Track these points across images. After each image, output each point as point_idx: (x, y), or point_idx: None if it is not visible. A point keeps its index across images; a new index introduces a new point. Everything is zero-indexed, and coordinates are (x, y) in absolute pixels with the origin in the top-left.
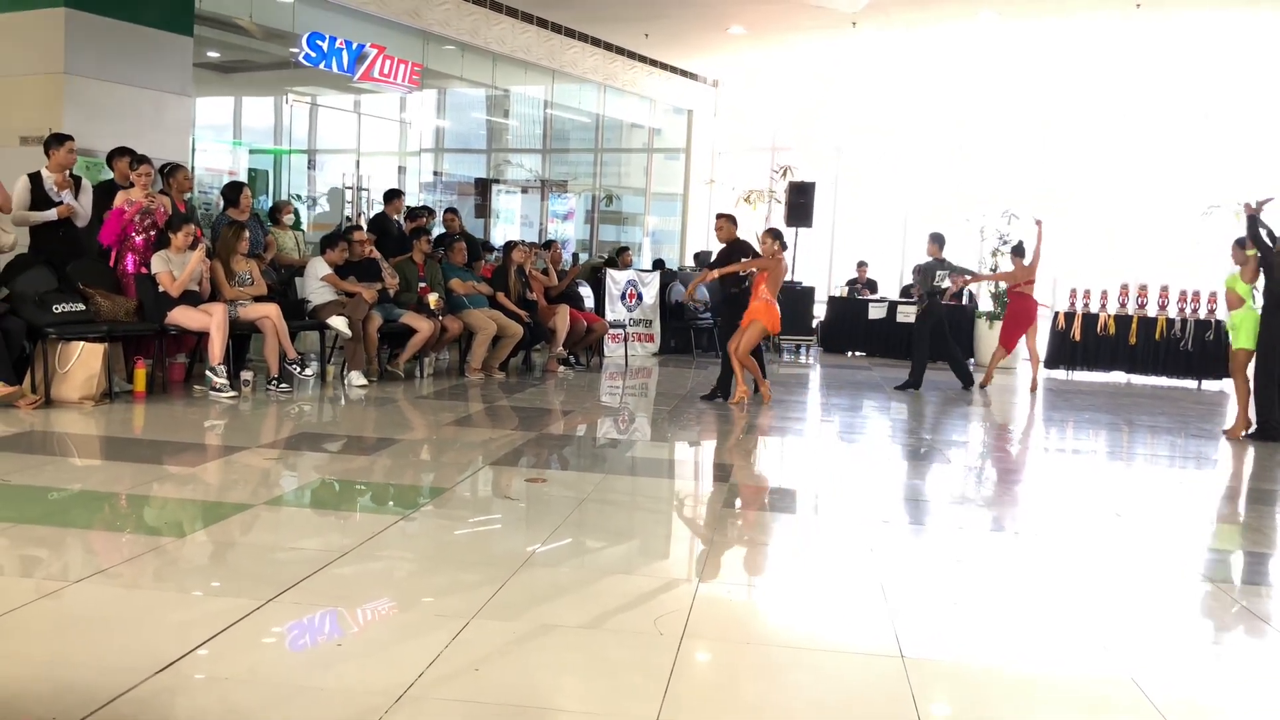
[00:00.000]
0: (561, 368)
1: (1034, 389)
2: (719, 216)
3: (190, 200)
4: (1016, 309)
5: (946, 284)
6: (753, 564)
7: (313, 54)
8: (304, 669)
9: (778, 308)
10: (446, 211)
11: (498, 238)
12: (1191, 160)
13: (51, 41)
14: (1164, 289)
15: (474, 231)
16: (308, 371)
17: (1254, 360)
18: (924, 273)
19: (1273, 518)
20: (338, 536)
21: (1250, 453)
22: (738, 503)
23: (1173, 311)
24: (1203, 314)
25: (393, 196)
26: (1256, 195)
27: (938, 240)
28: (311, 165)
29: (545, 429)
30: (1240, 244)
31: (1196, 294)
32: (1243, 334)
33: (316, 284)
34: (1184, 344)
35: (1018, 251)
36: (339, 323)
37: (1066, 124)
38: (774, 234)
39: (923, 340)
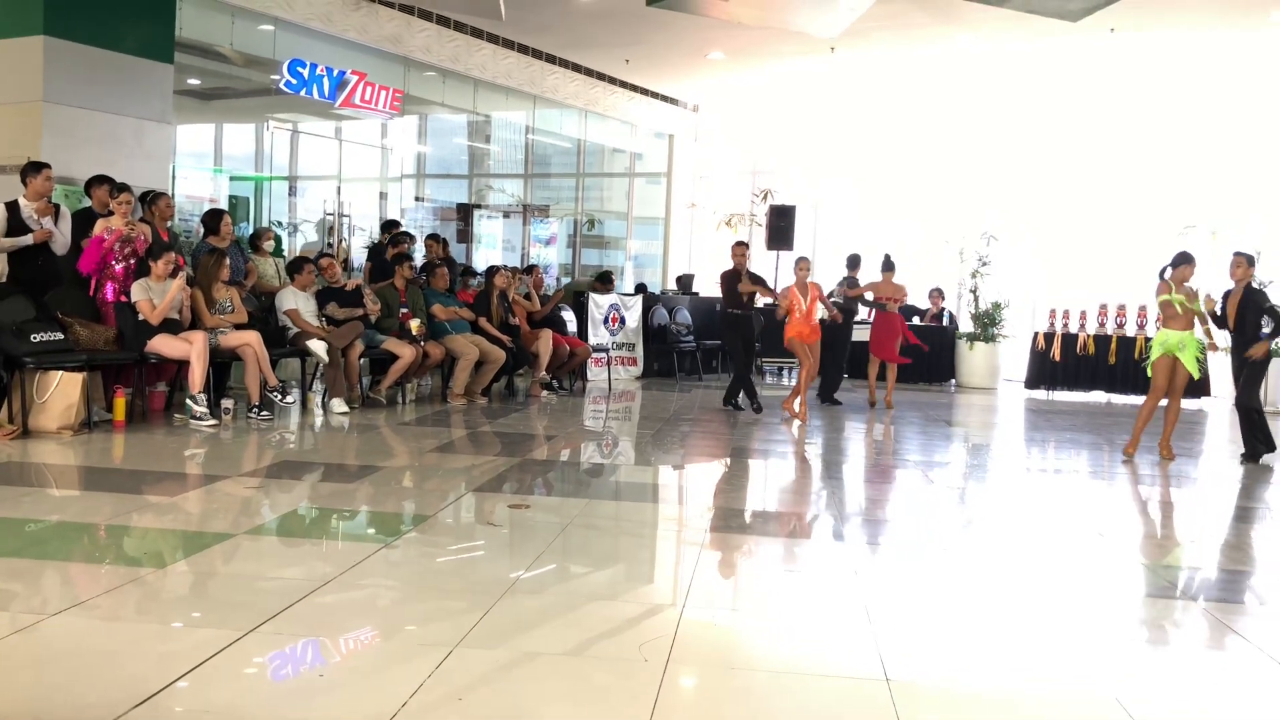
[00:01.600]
0: (544, 392)
1: (875, 404)
2: (739, 244)
3: (171, 228)
4: (881, 322)
5: (835, 298)
6: (737, 588)
7: (294, 81)
8: (286, 700)
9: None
10: (429, 238)
11: (480, 263)
12: (1168, 180)
13: (29, 69)
14: (1142, 309)
15: (456, 256)
16: (289, 399)
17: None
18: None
19: (1250, 535)
20: (320, 565)
21: (1233, 471)
22: (722, 526)
23: (1151, 331)
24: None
25: (392, 228)
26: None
27: (850, 262)
28: (293, 192)
29: (528, 454)
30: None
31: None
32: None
33: (283, 316)
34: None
35: (887, 266)
36: (318, 348)
37: (1045, 144)
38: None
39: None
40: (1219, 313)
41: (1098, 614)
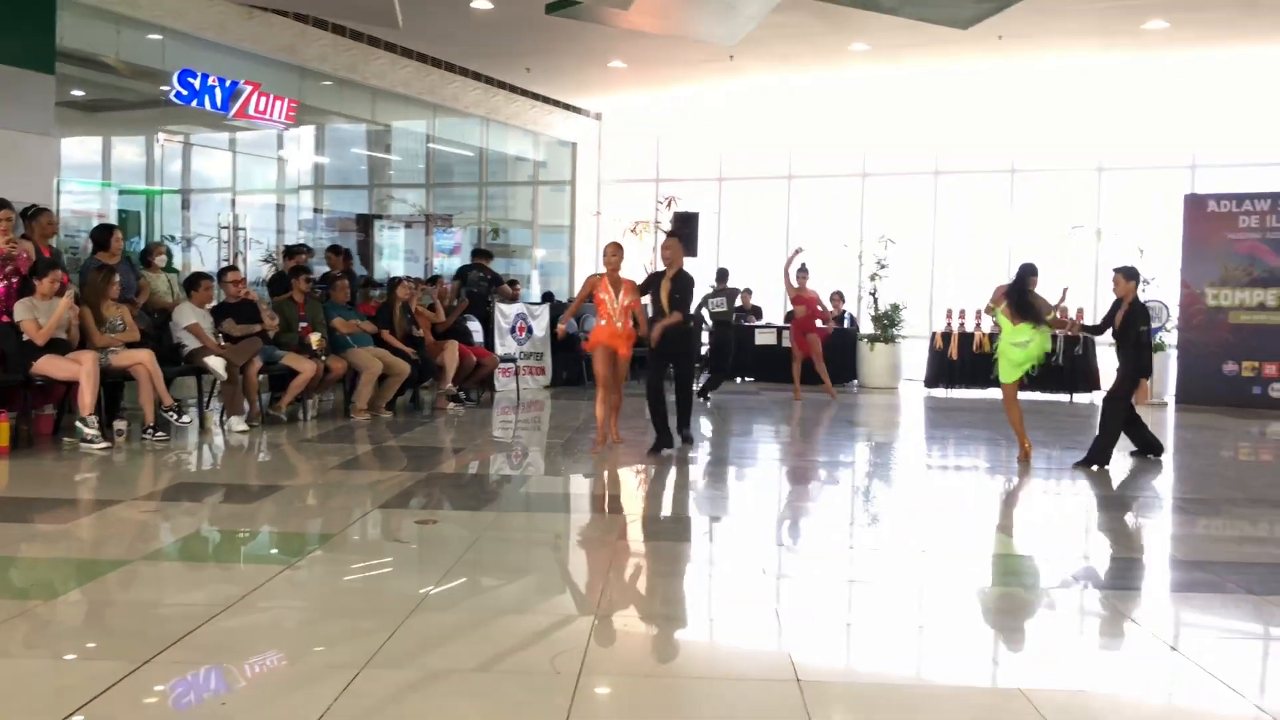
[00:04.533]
0: (451, 404)
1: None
2: (672, 236)
3: (55, 245)
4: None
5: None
6: (649, 595)
7: (184, 91)
8: None
9: None
10: (329, 250)
11: (382, 274)
12: (1057, 180)
13: None
14: None
15: (356, 268)
16: (185, 418)
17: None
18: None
19: (1139, 524)
20: (222, 589)
21: (1123, 463)
22: (634, 534)
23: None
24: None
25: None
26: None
27: (719, 275)
28: (185, 205)
29: (435, 468)
30: (1125, 274)
31: (1064, 310)
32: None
33: (183, 333)
34: (1055, 359)
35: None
36: (216, 364)
37: (944, 146)
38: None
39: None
40: (1089, 324)
41: (1001, 607)
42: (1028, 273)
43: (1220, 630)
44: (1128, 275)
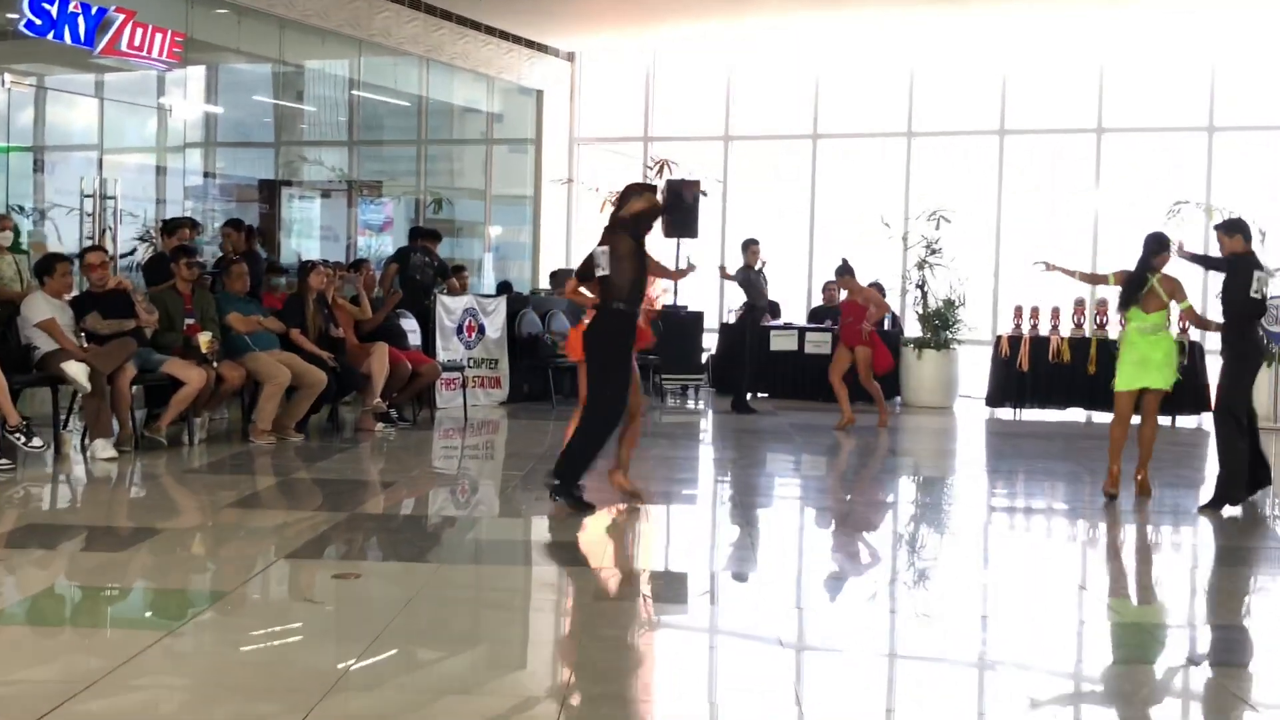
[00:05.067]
0: (379, 425)
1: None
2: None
3: None
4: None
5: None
6: (631, 673)
7: (37, 21)
8: None
9: None
10: (226, 225)
11: (291, 257)
12: (1155, 145)
13: None
14: None
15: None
16: (36, 442)
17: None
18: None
19: (1249, 580)
20: (82, 661)
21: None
22: (612, 592)
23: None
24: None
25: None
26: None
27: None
28: (39, 167)
29: (359, 507)
30: (1232, 228)
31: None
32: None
33: (34, 331)
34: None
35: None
36: (77, 371)
37: (1005, 101)
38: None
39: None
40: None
41: (1081, 691)
42: (1157, 245)
43: None
44: (1229, 230)
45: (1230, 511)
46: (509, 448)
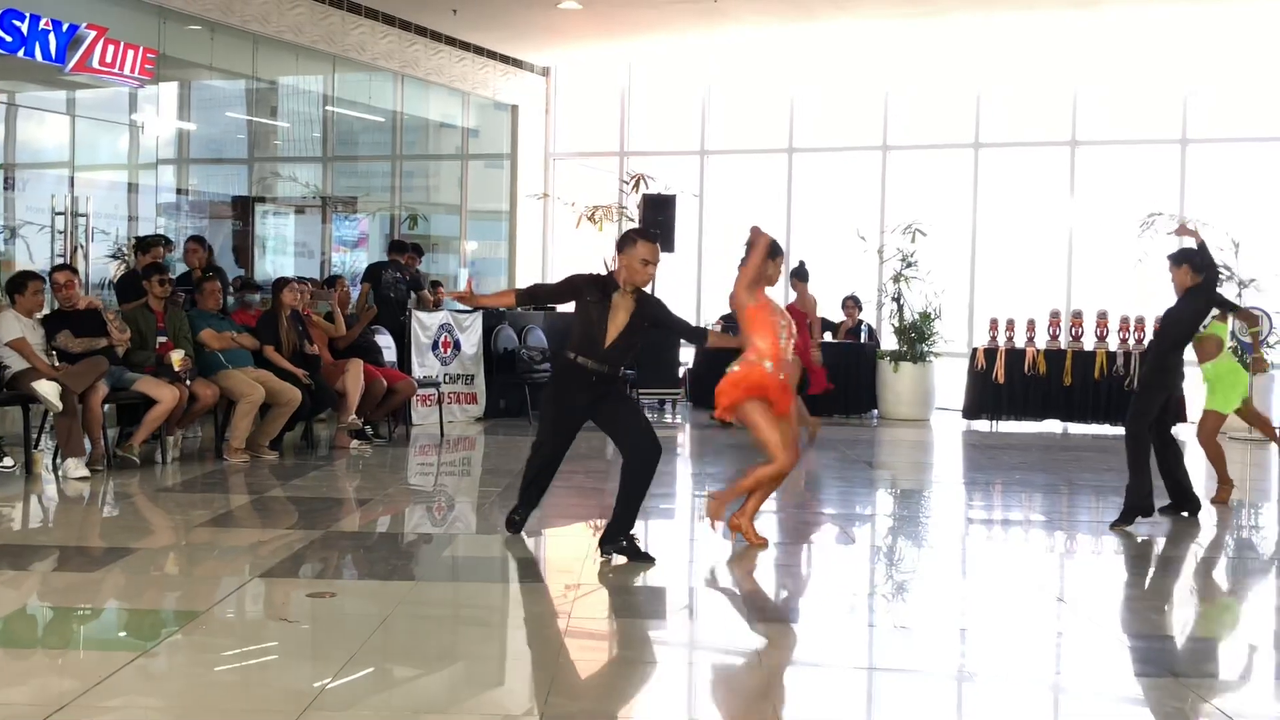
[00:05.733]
0: (355, 442)
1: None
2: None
3: None
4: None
5: None
6: (609, 691)
7: (8, 38)
8: None
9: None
10: (189, 241)
11: (265, 273)
12: (1129, 158)
13: None
14: (1102, 316)
15: (232, 266)
16: (7, 462)
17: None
18: None
19: (1238, 594)
20: (54, 683)
21: (1214, 517)
22: (592, 610)
23: (1114, 344)
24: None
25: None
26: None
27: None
28: (9, 185)
29: (334, 525)
30: (1182, 260)
31: (1141, 321)
32: (1218, 392)
33: (4, 350)
34: (1129, 383)
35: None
36: (48, 390)
37: (980, 114)
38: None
39: None
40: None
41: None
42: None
43: None
44: (1178, 260)
45: (1145, 523)
46: (486, 464)
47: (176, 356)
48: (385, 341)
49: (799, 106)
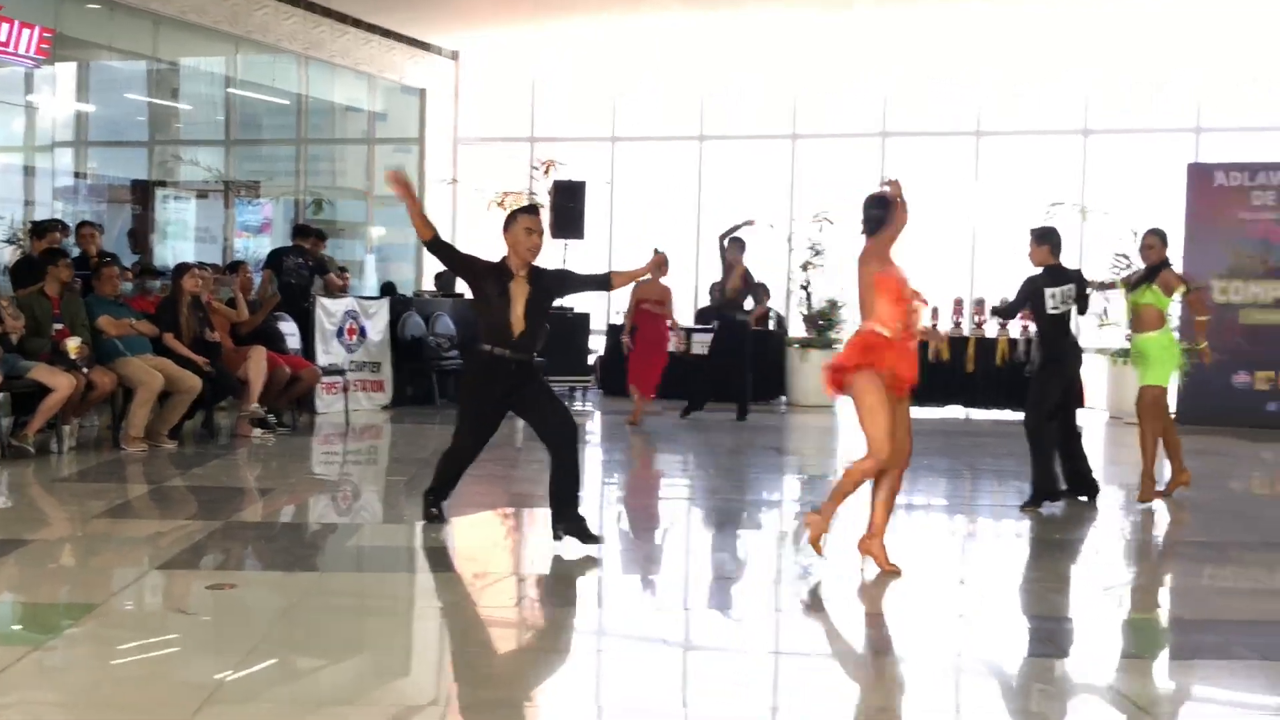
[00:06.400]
0: (257, 431)
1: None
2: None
3: None
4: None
5: None
6: (516, 679)
7: None
8: None
9: None
10: (83, 226)
11: (165, 259)
12: (1031, 148)
13: None
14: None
15: (128, 252)
16: None
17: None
18: None
19: (1130, 575)
20: None
21: (1113, 500)
22: (497, 599)
23: (1015, 331)
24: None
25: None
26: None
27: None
28: None
29: (235, 515)
30: (1041, 238)
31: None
32: (1154, 365)
33: None
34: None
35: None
36: None
37: (887, 104)
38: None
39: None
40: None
41: (942, 678)
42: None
43: (1229, 705)
44: (1040, 239)
45: (1051, 508)
46: (392, 453)
47: (73, 344)
48: (289, 328)
49: (709, 95)
